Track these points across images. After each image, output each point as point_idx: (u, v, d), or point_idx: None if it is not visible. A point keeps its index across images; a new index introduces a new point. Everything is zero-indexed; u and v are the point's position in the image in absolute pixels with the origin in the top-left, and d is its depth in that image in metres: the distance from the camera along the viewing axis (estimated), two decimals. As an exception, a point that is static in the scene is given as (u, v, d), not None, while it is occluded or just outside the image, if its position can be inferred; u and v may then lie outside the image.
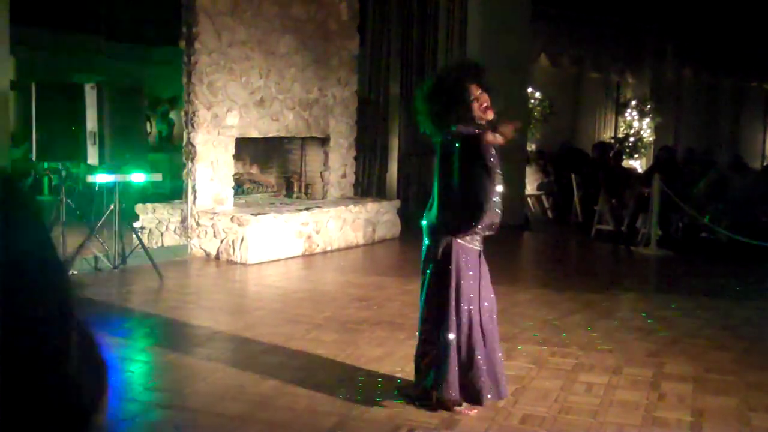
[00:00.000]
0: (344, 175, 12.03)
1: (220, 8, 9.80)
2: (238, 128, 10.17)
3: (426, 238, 4.73)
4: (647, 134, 19.16)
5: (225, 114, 9.97)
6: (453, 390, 4.56)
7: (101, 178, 8.25)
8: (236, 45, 10.02)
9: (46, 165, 12.77)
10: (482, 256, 4.69)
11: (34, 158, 8.80)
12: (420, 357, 4.79)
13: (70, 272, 8.31)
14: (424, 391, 4.73)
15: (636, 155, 19.05)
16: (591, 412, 4.78)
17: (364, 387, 5.10)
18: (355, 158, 12.24)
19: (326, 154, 11.73)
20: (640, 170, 16.76)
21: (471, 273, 4.57)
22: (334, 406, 4.76)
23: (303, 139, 11.57)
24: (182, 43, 9.74)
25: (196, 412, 4.64)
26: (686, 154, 14.88)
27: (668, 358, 5.96)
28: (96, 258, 8.72)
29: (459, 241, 4.56)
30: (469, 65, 4.84)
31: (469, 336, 4.56)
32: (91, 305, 7.26)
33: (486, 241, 4.72)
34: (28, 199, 0.92)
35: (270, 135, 10.76)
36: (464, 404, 4.64)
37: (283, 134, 10.96)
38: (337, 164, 11.86)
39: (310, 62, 11.10)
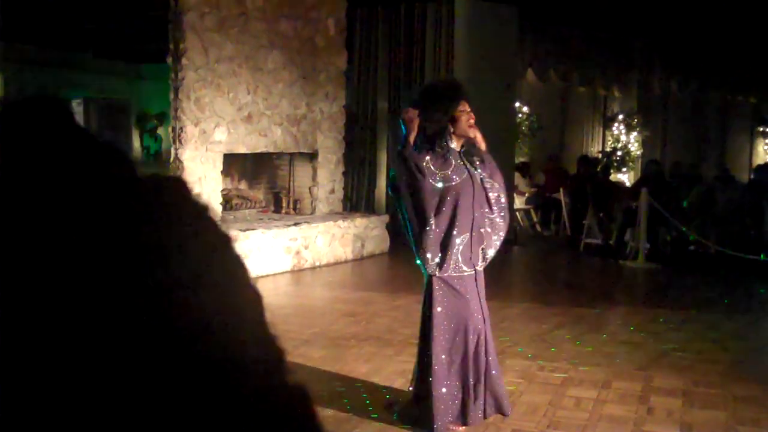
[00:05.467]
0: (333, 191, 12.03)
1: (208, 25, 9.80)
2: (225, 144, 10.16)
3: None
4: (635, 148, 19.22)
5: (213, 130, 9.96)
6: (436, 418, 4.56)
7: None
8: (224, 61, 10.02)
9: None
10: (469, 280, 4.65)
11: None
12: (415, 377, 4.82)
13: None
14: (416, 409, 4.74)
15: (624, 169, 19.11)
16: (580, 427, 4.77)
17: (352, 403, 5.08)
18: (344, 173, 12.25)
19: (315, 170, 11.73)
20: (627, 184, 16.80)
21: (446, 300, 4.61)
22: (321, 422, 4.73)
23: (291, 154, 11.57)
24: (169, 60, 9.74)
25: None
26: (673, 168, 14.93)
27: (657, 372, 5.96)
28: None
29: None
30: (459, 82, 4.93)
31: (460, 361, 4.57)
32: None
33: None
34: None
35: (258, 151, 10.76)
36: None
37: (271, 150, 10.96)
38: (325, 179, 11.86)
39: (298, 78, 11.12)
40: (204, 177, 9.92)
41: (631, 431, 4.75)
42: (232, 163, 10.93)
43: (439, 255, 4.54)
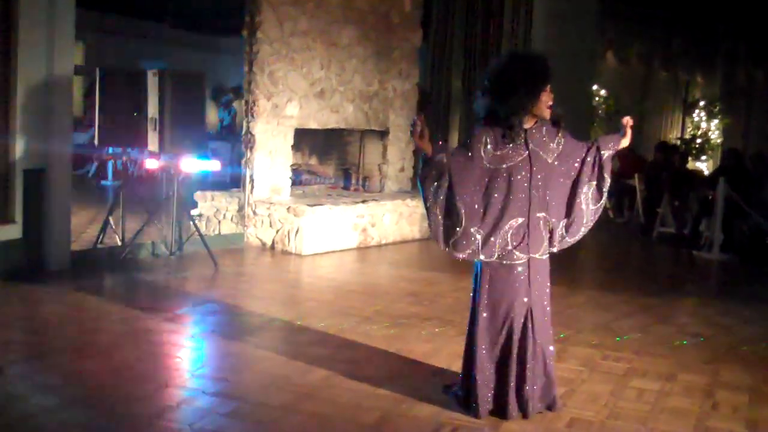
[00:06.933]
0: (402, 169, 12.00)
1: (283, -2, 9.82)
2: (297, 119, 10.20)
3: None
4: (715, 136, 18.72)
5: (285, 104, 10.00)
6: (479, 404, 4.53)
7: (154, 165, 8.34)
8: (298, 35, 10.04)
9: (111, 150, 12.97)
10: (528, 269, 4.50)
11: (96, 143, 8.96)
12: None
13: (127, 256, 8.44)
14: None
15: (703, 157, 18.64)
16: (640, 419, 4.66)
17: (410, 383, 5.05)
18: (414, 152, 12.19)
19: (385, 147, 11.71)
20: (706, 172, 16.38)
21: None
22: (378, 400, 4.73)
23: (362, 131, 11.56)
24: (245, 32, 9.80)
25: (241, 400, 4.65)
26: (754, 158, 14.47)
27: (724, 367, 5.79)
28: (153, 244, 8.83)
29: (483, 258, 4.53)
30: (547, 64, 4.57)
31: (501, 350, 4.51)
32: (145, 291, 7.37)
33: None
34: None
35: (329, 126, 10.77)
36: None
37: (342, 126, 10.96)
38: (395, 158, 11.83)
39: (372, 54, 11.08)
40: (274, 151, 9.99)
41: (693, 426, 4.62)
42: (303, 138, 10.96)
43: (482, 239, 4.42)
